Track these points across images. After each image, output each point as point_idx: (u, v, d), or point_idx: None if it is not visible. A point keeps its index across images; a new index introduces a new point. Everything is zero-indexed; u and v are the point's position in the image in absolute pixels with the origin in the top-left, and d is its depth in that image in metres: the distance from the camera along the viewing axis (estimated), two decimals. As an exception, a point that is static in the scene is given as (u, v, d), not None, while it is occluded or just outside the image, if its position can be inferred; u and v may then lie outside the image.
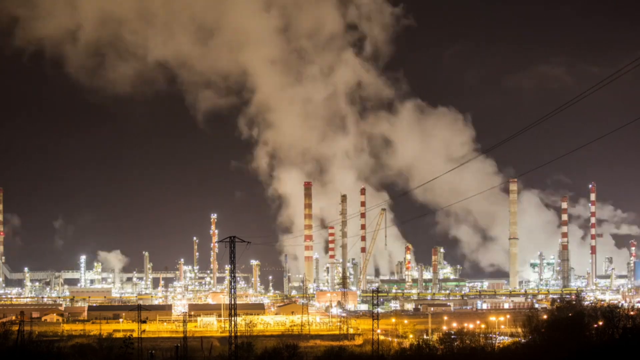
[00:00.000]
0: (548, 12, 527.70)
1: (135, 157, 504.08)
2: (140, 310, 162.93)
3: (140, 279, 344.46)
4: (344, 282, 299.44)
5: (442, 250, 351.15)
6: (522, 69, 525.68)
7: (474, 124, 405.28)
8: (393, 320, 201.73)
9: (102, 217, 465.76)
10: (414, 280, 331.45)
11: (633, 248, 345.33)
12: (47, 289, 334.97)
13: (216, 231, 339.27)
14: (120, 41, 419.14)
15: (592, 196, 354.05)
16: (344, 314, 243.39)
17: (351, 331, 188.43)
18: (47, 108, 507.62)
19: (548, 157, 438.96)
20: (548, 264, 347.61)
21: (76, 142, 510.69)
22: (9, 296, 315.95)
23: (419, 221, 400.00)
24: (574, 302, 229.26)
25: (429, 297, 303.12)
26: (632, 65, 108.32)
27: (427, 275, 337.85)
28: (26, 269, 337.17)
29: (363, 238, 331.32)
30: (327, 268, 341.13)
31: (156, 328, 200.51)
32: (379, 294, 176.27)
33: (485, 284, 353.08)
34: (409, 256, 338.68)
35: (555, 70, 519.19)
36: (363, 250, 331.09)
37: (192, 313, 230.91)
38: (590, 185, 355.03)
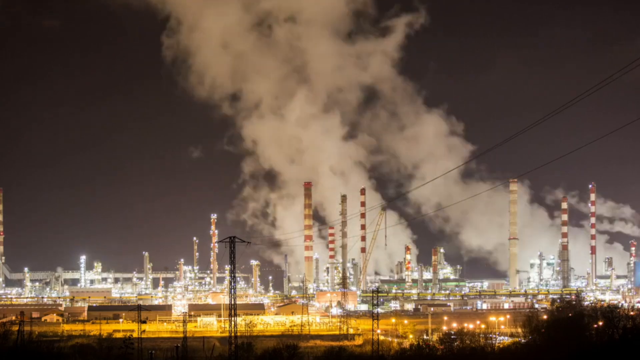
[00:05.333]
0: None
1: (135, 156, 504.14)
2: (140, 311, 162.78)
3: (140, 279, 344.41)
4: (344, 282, 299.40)
5: (442, 250, 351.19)
6: (523, 66, 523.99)
7: (474, 124, 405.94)
8: (393, 320, 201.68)
9: (102, 217, 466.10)
10: (414, 281, 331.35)
11: (633, 248, 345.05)
12: (47, 289, 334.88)
13: (216, 231, 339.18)
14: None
15: (592, 196, 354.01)
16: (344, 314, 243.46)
17: (351, 331, 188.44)
18: (47, 107, 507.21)
19: (548, 157, 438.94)
20: (548, 264, 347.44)
21: (75, 143, 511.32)
22: (9, 296, 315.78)
23: (419, 221, 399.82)
24: (574, 303, 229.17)
25: (429, 297, 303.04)
26: (632, 66, 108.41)
27: (427, 275, 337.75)
28: (26, 269, 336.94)
29: (363, 238, 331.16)
30: (327, 268, 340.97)
31: (156, 328, 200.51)
32: (379, 294, 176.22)
33: (485, 284, 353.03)
34: (409, 256, 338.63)
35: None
36: (363, 250, 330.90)
37: (192, 313, 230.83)
38: (590, 185, 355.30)
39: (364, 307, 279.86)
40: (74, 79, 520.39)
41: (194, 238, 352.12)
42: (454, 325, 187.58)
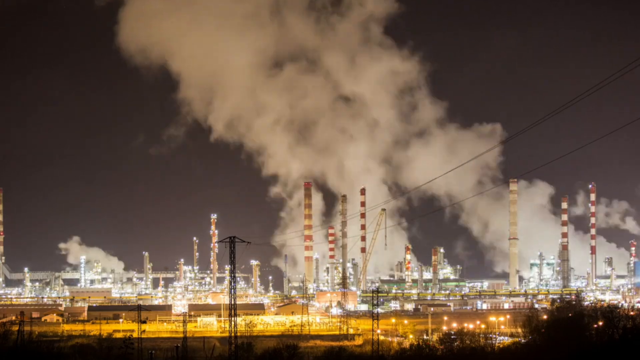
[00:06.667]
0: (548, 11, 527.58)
1: (135, 157, 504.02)
2: (140, 311, 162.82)
3: (140, 279, 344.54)
4: (344, 283, 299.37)
5: (442, 250, 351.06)
6: (523, 66, 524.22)
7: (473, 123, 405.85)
8: (393, 320, 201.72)
9: (102, 217, 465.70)
10: (414, 281, 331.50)
11: (633, 248, 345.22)
12: (47, 289, 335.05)
13: (216, 231, 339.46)
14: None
15: (592, 196, 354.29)
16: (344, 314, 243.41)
17: (351, 331, 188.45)
18: (46, 107, 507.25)
19: (548, 157, 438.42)
20: (548, 264, 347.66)
21: (75, 143, 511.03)
22: (9, 296, 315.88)
23: (419, 221, 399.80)
24: (573, 303, 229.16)
25: (429, 297, 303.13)
26: (632, 66, 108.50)
27: (427, 275, 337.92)
28: (26, 269, 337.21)
29: (363, 238, 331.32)
30: (327, 268, 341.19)
31: (156, 328, 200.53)
32: (379, 294, 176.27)
33: (485, 284, 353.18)
34: (409, 256, 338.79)
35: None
36: (363, 250, 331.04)
37: (192, 313, 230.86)
38: (590, 185, 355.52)
39: (364, 307, 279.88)
40: (73, 79, 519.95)
41: (194, 238, 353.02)
42: (454, 325, 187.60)
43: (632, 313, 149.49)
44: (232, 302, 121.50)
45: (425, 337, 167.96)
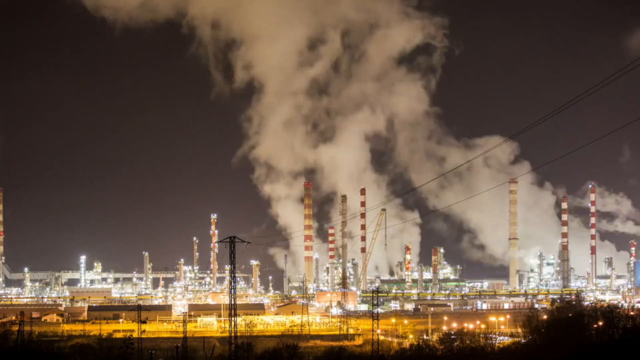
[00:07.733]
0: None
1: (135, 156, 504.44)
2: (140, 311, 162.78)
3: (140, 279, 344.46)
4: (344, 283, 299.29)
5: (442, 250, 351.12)
6: (523, 66, 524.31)
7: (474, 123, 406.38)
8: (393, 320, 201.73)
9: (102, 217, 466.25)
10: (414, 281, 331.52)
11: (633, 248, 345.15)
12: (47, 289, 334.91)
13: (216, 231, 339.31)
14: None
15: (592, 196, 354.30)
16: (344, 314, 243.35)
17: (351, 331, 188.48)
18: (47, 108, 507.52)
19: (548, 157, 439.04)
20: (548, 264, 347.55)
21: (75, 143, 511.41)
22: (9, 296, 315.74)
23: (419, 221, 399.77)
24: (573, 303, 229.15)
25: (429, 298, 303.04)
26: (632, 65, 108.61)
27: (427, 275, 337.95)
28: (26, 269, 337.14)
29: (363, 238, 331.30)
30: (327, 268, 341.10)
31: (156, 328, 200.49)
32: (379, 294, 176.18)
33: (485, 284, 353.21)
34: (409, 256, 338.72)
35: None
36: (363, 250, 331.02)
37: (192, 313, 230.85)
38: (590, 186, 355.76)
39: (364, 307, 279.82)
40: (72, 80, 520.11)
41: (194, 238, 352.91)
42: (454, 325, 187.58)
43: (632, 313, 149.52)
44: (232, 302, 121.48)
45: (425, 337, 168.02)
